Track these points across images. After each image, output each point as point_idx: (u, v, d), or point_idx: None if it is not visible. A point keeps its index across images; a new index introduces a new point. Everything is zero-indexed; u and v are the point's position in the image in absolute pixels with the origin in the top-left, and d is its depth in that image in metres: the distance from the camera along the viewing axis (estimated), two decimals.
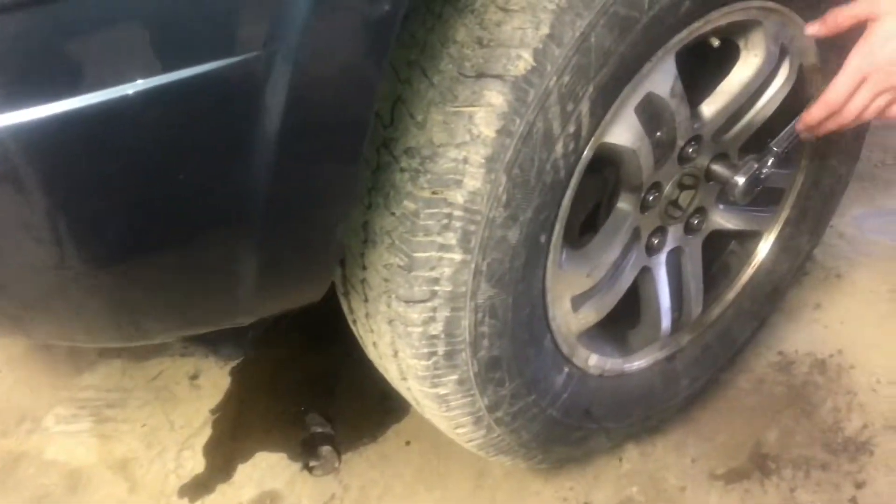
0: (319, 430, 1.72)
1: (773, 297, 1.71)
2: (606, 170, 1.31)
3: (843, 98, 1.20)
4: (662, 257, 1.45)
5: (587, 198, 1.31)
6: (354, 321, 1.31)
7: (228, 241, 0.91)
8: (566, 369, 1.36)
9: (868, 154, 2.41)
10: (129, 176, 0.83)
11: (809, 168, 1.58)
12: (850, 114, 1.21)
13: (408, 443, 1.69)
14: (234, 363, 1.88)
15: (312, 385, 1.82)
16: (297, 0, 0.77)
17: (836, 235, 2.15)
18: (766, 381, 1.77)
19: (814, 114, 1.25)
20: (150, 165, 0.83)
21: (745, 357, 1.79)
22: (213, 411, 1.79)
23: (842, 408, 1.70)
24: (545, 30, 1.01)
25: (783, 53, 1.34)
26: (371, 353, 1.34)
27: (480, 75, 1.02)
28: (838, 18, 1.19)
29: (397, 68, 1.09)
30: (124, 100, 0.77)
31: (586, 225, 1.36)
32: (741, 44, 1.31)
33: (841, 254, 2.10)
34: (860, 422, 1.68)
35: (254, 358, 1.89)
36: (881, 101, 1.20)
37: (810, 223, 1.66)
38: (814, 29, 1.23)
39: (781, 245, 1.64)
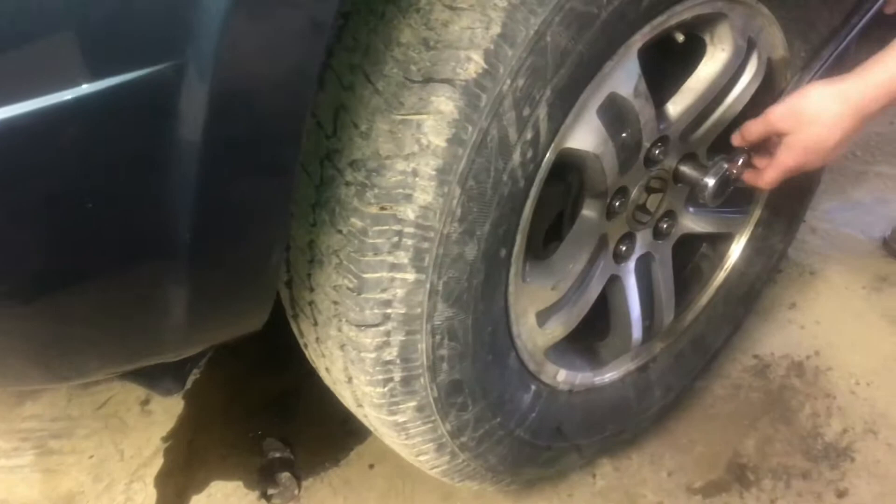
0: (278, 455, 1.63)
1: (747, 300, 1.65)
2: (569, 176, 1.23)
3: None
4: (631, 264, 1.38)
5: (550, 206, 1.23)
6: (306, 345, 1.22)
7: (150, 269, 0.82)
8: (533, 387, 1.28)
9: None
10: (33, 201, 0.73)
11: None
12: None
13: (371, 466, 1.61)
14: (187, 388, 1.78)
15: (270, 407, 1.73)
16: (211, 5, 0.67)
17: (808, 231, 2.09)
18: (742, 387, 1.71)
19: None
20: (57, 188, 0.73)
21: (721, 362, 1.73)
22: (164, 439, 1.69)
23: (821, 412, 1.65)
24: (496, 29, 0.93)
25: (751, 47, 1.28)
26: (325, 378, 1.25)
27: (428, 80, 0.94)
28: (750, 134, 1.22)
29: (339, 74, 1.00)
30: (27, 117, 0.68)
31: (550, 235, 1.29)
32: (707, 38, 1.24)
33: (814, 250, 2.05)
34: (840, 426, 1.62)
35: (208, 380, 1.79)
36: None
37: (783, 223, 1.60)
38: (737, 140, 1.25)
39: (754, 246, 1.58)
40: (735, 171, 1.26)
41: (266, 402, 1.74)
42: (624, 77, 1.11)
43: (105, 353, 0.94)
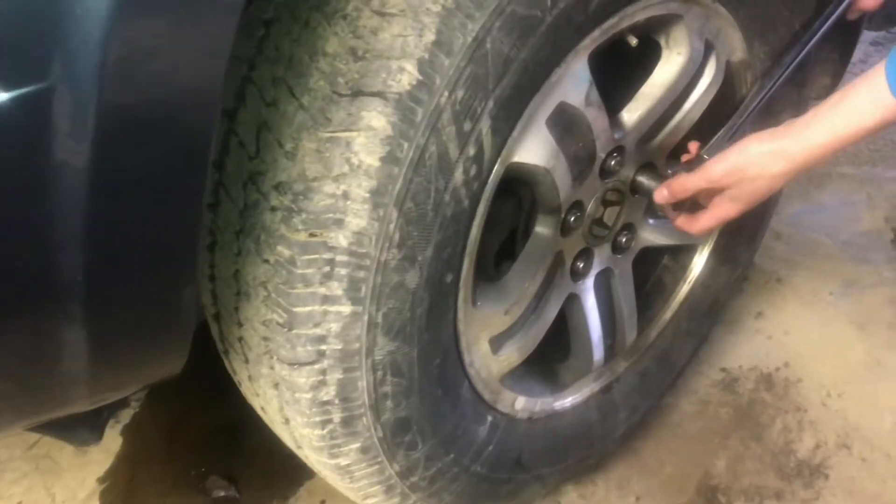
0: (222, 493, 1.52)
1: (712, 313, 1.58)
2: (520, 191, 1.15)
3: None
4: (590, 282, 1.30)
5: (500, 224, 1.15)
6: (239, 382, 1.13)
7: (40, 313, 0.72)
8: (490, 418, 1.20)
9: None
10: None
11: None
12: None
13: (323, 502, 1.51)
14: (125, 422, 1.67)
15: (214, 442, 1.62)
16: (86, 20, 0.58)
17: (773, 236, 2.04)
18: (710, 403, 1.64)
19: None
20: None
21: (687, 377, 1.66)
22: (101, 480, 1.57)
23: (792, 427, 1.58)
24: (430, 36, 0.84)
25: (708, 49, 1.21)
26: (263, 418, 1.15)
27: (357, 93, 0.85)
28: (684, 190, 1.16)
29: (261, 88, 0.92)
30: None
31: (502, 254, 1.20)
32: (662, 41, 1.17)
33: (779, 256, 1.99)
34: (812, 441, 1.56)
35: (148, 414, 1.68)
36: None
37: (747, 232, 1.53)
38: (661, 196, 1.19)
39: (718, 257, 1.51)
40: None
41: (210, 435, 1.64)
42: (574, 85, 1.03)
43: (9, 405, 0.84)
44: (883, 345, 1.73)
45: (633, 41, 1.12)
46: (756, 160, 1.07)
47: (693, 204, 1.19)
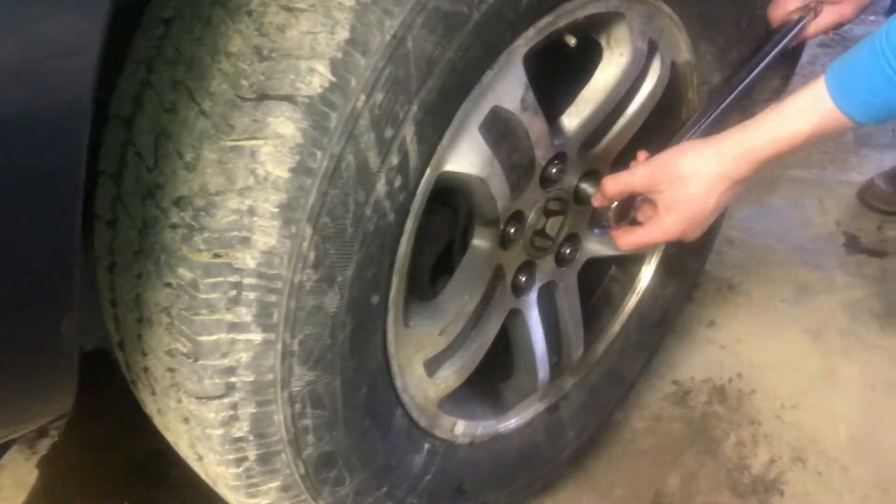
0: None
1: (662, 325, 1.52)
2: (455, 202, 1.07)
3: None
4: (533, 296, 1.23)
5: (434, 238, 1.07)
6: (150, 415, 1.03)
7: None
8: (427, 446, 1.12)
9: None
10: None
11: None
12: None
13: None
14: (42, 453, 1.55)
15: (137, 472, 1.52)
16: None
17: (724, 241, 1.99)
18: (662, 418, 1.58)
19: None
20: None
21: (638, 391, 1.60)
22: None
23: (746, 441, 1.53)
24: (344, 34, 0.76)
25: (652, 50, 1.14)
26: (179, 453, 1.06)
27: (262, 97, 0.76)
28: (616, 191, 1.10)
29: (160, 92, 0.82)
30: None
31: (438, 269, 1.12)
32: (603, 41, 1.10)
33: (731, 262, 1.95)
34: (767, 456, 1.50)
35: (66, 443, 1.57)
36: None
37: (697, 240, 1.47)
38: (596, 199, 1.14)
39: (667, 267, 1.45)
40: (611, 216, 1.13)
41: (133, 465, 1.53)
42: (508, 88, 0.95)
43: None
44: (836, 353, 1.69)
45: (572, 41, 1.05)
46: (692, 161, 1.02)
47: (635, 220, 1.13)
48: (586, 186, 1.18)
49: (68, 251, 0.67)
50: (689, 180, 1.02)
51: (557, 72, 1.11)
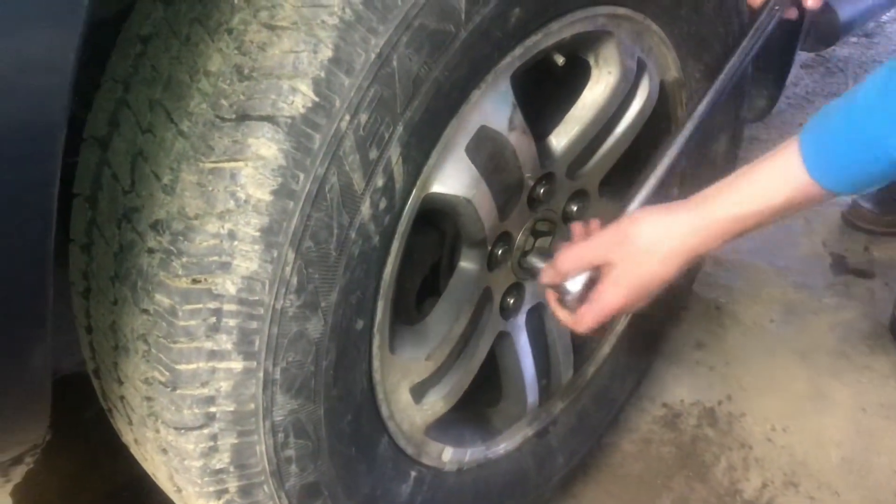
0: None
1: (651, 346, 1.50)
2: (442, 223, 1.05)
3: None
4: (521, 318, 1.21)
5: (420, 261, 1.05)
6: (127, 444, 0.99)
7: None
8: (413, 474, 1.09)
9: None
10: None
11: (682, 196, 1.38)
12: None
13: None
14: (16, 481, 1.50)
15: (116, 500, 1.47)
16: None
17: (711, 262, 1.97)
18: (652, 441, 1.55)
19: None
20: None
21: (628, 414, 1.57)
22: None
23: (737, 465, 1.50)
24: (327, 52, 0.74)
25: (641, 68, 1.13)
26: (158, 484, 1.02)
27: (243, 117, 0.74)
28: (564, 267, 1.01)
29: (137, 113, 0.80)
30: None
31: (424, 292, 1.10)
32: (591, 60, 1.09)
33: (718, 282, 1.93)
34: (759, 480, 1.48)
35: (43, 470, 1.52)
36: None
37: None
38: (547, 276, 1.04)
39: None
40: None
41: (111, 492, 1.48)
42: (495, 108, 0.94)
43: None
44: (826, 375, 1.68)
45: (560, 60, 1.03)
46: (648, 232, 0.93)
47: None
48: (575, 207, 1.16)
49: (41, 277, 0.64)
50: (645, 254, 0.94)
51: (545, 91, 1.09)
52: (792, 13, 1.18)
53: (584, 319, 1.00)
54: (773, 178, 0.87)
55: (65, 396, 0.79)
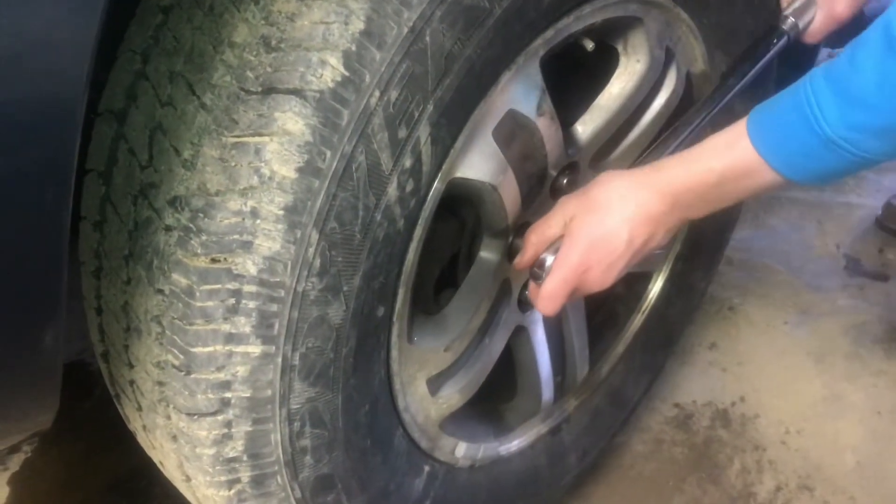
0: None
1: (667, 345, 1.47)
2: (463, 211, 1.02)
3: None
4: (539, 313, 1.18)
5: (440, 249, 1.01)
6: (135, 432, 0.96)
7: None
8: (427, 468, 1.06)
9: None
10: None
11: None
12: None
13: None
14: (14, 469, 1.47)
15: (116, 491, 1.44)
16: None
17: (723, 262, 1.94)
18: (664, 442, 1.53)
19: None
20: None
21: (639, 414, 1.55)
22: None
23: (751, 468, 1.48)
24: (359, 24, 0.71)
25: (669, 58, 1.10)
26: (164, 473, 0.99)
27: (269, 90, 0.71)
28: (535, 240, 0.98)
29: (156, 85, 0.77)
30: None
31: (442, 282, 1.07)
32: (620, 47, 1.06)
33: (731, 283, 1.90)
34: (773, 483, 1.45)
35: (41, 459, 1.49)
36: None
37: (704, 257, 1.43)
38: (521, 261, 1.01)
39: (673, 285, 1.40)
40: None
41: (111, 482, 1.46)
42: (525, 91, 0.91)
43: None
44: (841, 377, 1.65)
45: (590, 45, 1.00)
46: (606, 188, 0.93)
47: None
48: None
49: (55, 255, 0.61)
50: (601, 208, 0.92)
51: (571, 79, 1.06)
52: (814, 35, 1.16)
53: (543, 290, 0.95)
54: (718, 144, 0.89)
55: (64, 386, 0.76)
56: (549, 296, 0.95)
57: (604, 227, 0.92)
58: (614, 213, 0.92)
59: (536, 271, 0.97)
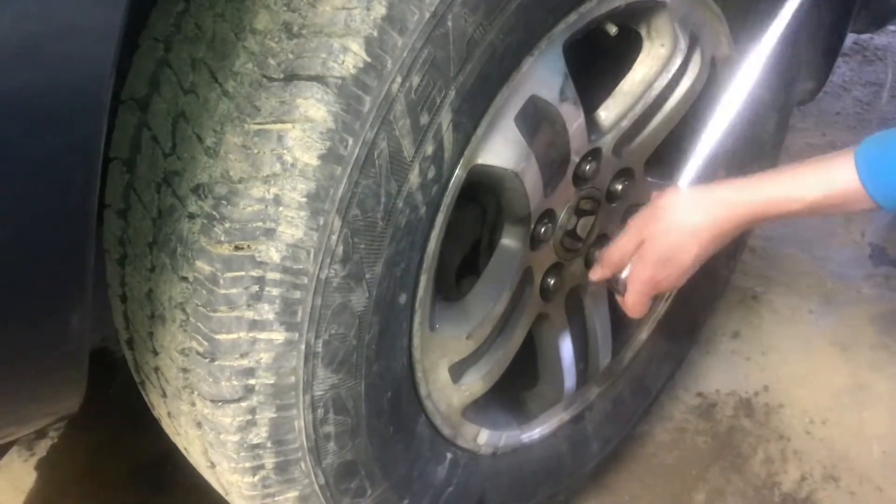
0: None
1: (690, 333, 1.46)
2: (484, 198, 1.02)
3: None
4: (561, 300, 1.17)
5: (462, 236, 1.01)
6: (159, 418, 0.97)
7: None
8: (449, 455, 1.06)
9: None
10: None
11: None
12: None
13: None
14: (40, 455, 1.49)
15: (140, 477, 1.46)
16: None
17: (746, 251, 1.92)
18: (687, 431, 1.52)
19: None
20: None
21: (662, 403, 1.54)
22: None
23: (775, 458, 1.46)
24: (381, 10, 0.71)
25: (693, 43, 1.09)
26: (189, 459, 1.00)
27: (291, 77, 0.71)
28: (611, 260, 1.06)
29: (179, 72, 0.77)
30: None
31: (464, 270, 1.07)
32: (643, 31, 1.05)
33: (754, 271, 1.88)
34: (797, 473, 1.44)
35: (67, 445, 1.51)
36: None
37: (728, 245, 1.41)
38: (596, 273, 1.09)
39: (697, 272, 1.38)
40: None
41: (136, 470, 1.47)
42: (547, 77, 0.90)
43: None
44: (866, 367, 1.63)
45: (613, 29, 0.99)
46: (678, 205, 0.97)
47: None
48: (620, 186, 1.12)
49: (82, 242, 0.61)
50: (673, 226, 0.97)
51: (594, 64, 1.05)
52: None
53: (627, 302, 1.05)
54: (817, 178, 0.89)
55: (89, 372, 0.77)
56: (632, 308, 1.05)
57: (674, 248, 0.98)
58: (685, 232, 0.97)
59: (612, 284, 1.07)
